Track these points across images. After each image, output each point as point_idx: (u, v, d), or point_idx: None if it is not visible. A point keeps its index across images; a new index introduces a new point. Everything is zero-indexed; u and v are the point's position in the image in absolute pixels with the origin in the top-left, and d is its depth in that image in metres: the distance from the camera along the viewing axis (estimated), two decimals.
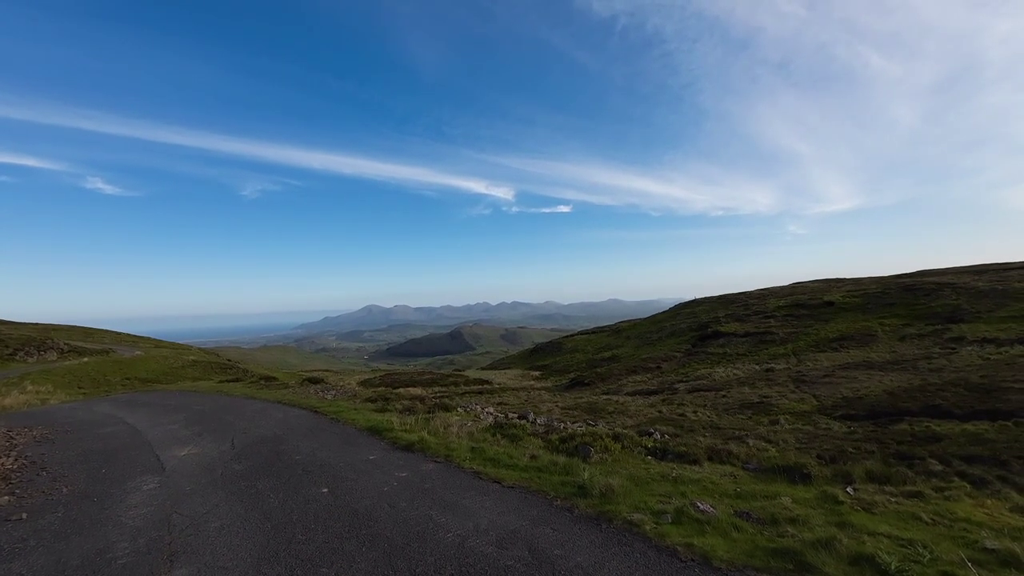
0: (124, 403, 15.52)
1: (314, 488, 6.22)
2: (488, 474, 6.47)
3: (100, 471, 7.45)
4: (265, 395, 15.79)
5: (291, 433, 9.65)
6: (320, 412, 11.86)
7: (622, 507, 4.96)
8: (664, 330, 61.87)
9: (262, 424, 10.66)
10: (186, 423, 11.13)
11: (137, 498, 6.14)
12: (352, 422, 10.48)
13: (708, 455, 7.28)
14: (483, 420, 10.42)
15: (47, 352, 41.34)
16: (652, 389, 36.70)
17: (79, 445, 9.24)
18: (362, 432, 9.54)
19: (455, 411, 11.62)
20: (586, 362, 60.01)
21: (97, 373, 35.30)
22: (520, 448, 7.74)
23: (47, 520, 5.56)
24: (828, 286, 56.26)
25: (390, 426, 9.48)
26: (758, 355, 42.67)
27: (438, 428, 9.18)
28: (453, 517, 5.07)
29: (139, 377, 34.91)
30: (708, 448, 7.64)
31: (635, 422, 25.67)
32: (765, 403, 26.63)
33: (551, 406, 32.37)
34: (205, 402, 14.59)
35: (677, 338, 56.84)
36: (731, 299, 63.39)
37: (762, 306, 54.10)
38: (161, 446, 8.89)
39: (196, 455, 8.19)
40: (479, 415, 11.22)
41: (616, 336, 69.20)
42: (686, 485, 5.75)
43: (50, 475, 7.37)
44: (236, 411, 12.54)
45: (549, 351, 75.22)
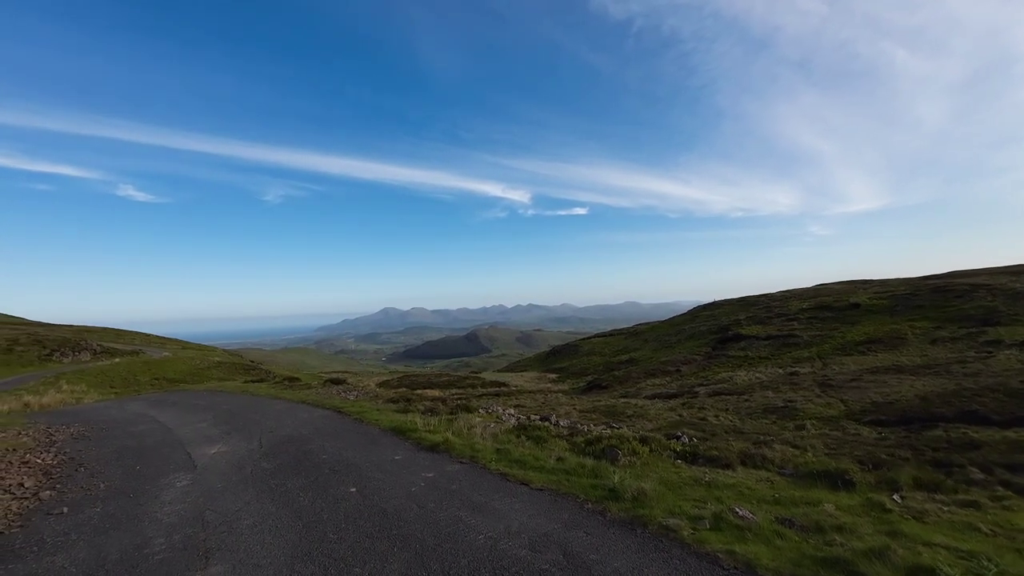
0: (154, 402, 15.90)
1: (342, 488, 6.22)
2: (515, 476, 6.38)
3: (135, 468, 7.59)
4: (289, 395, 15.99)
5: (317, 433, 9.72)
6: (344, 412, 11.93)
7: (656, 511, 4.82)
8: (683, 333, 60.95)
9: (288, 424, 10.76)
10: (214, 422, 11.31)
11: (171, 495, 6.23)
12: (376, 422, 10.50)
13: (741, 459, 7.06)
14: (506, 422, 10.34)
15: (81, 353, 42.77)
16: (671, 392, 36.13)
17: (114, 442, 9.45)
18: (386, 432, 9.55)
19: (477, 412, 11.56)
20: (603, 365, 59.48)
21: (128, 373, 36.36)
22: (545, 450, 7.63)
23: (86, 515, 5.67)
24: (853, 288, 54.72)
25: (414, 427, 9.47)
26: (781, 358, 41.67)
27: (462, 429, 9.12)
28: (483, 519, 4.99)
29: (167, 377, 35.82)
30: (741, 452, 7.41)
31: (655, 426, 25.30)
32: (790, 407, 25.96)
33: (569, 409, 32.12)
34: (232, 402, 14.84)
35: (696, 341, 55.96)
36: (752, 301, 62.16)
37: (784, 308, 52.88)
38: (192, 444, 9.03)
39: (226, 453, 8.29)
40: (501, 417, 11.14)
41: (633, 339, 68.45)
42: (721, 490, 5.56)
43: (88, 471, 7.54)
44: (262, 411, 12.71)
45: (566, 354, 74.80)
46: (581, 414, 29.95)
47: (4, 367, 37.21)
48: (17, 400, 23.00)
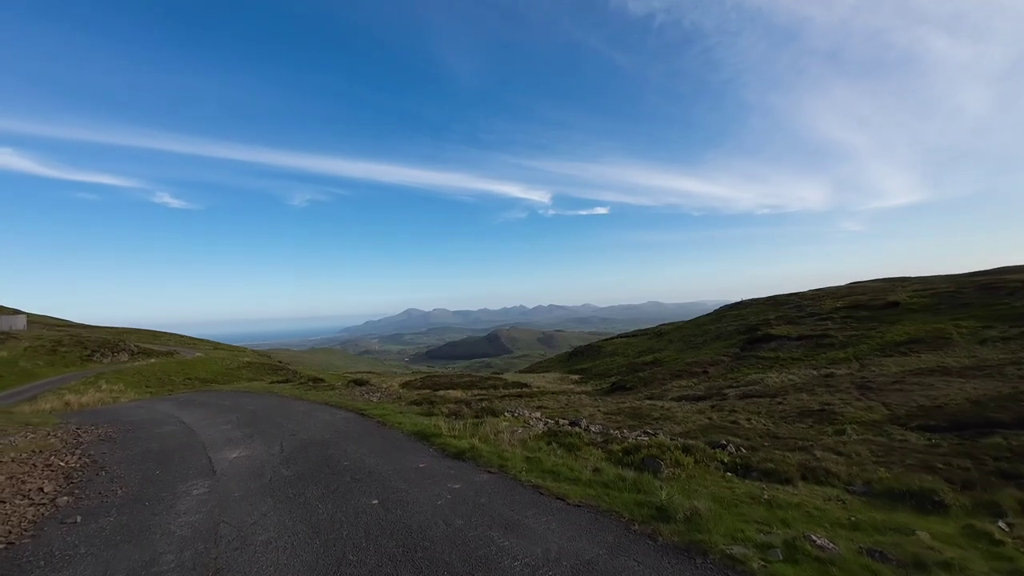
0: (183, 402, 15.93)
1: (364, 499, 5.77)
2: (549, 489, 5.81)
3: (155, 473, 7.34)
4: (313, 396, 15.79)
5: (339, 436, 9.35)
6: (366, 415, 11.58)
7: (716, 536, 4.18)
8: (709, 333, 59.21)
9: (310, 427, 10.45)
10: (238, 424, 11.10)
11: (187, 504, 5.89)
12: (399, 426, 10.09)
13: (801, 473, 6.32)
14: (534, 427, 9.77)
15: (120, 353, 44.11)
16: (699, 395, 34.90)
17: (138, 445, 9.29)
18: (409, 437, 9.11)
19: (503, 416, 11.03)
20: (627, 366, 58.26)
21: (162, 373, 37.25)
22: (580, 460, 7.03)
23: (99, 524, 5.37)
24: (891, 285, 52.13)
25: (438, 431, 9.00)
26: (815, 359, 39.87)
27: (488, 435, 8.61)
28: (518, 540, 4.44)
29: (199, 377, 36.53)
30: (800, 465, 6.66)
31: (683, 429, 24.33)
32: (827, 411, 24.62)
33: (593, 411, 31.27)
34: (257, 403, 14.71)
35: (724, 341, 54.25)
36: (781, 300, 59.93)
37: (817, 307, 50.76)
38: (213, 448, 8.78)
39: (246, 458, 7.98)
40: (528, 421, 10.58)
41: (658, 339, 66.90)
42: (785, 511, 4.88)
43: (108, 475, 7.32)
44: (285, 413, 12.48)
45: (588, 354, 73.72)
46: (606, 416, 29.12)
47: (49, 367, 38.61)
48: (59, 399, 23.65)
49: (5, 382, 33.17)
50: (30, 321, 55.79)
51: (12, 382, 33.29)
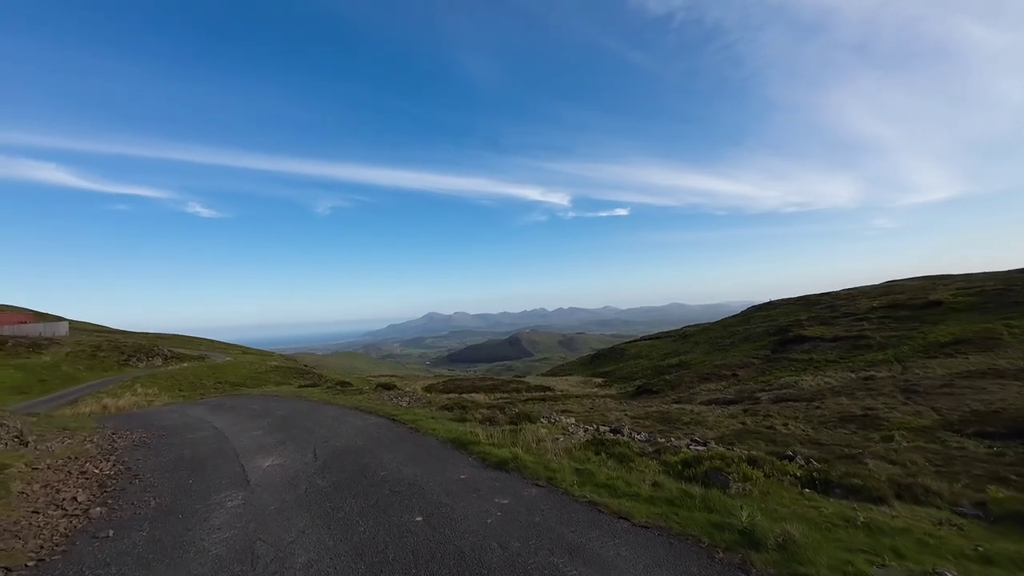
0: (214, 407, 15.87)
1: (407, 514, 5.30)
2: (608, 506, 5.24)
3: (188, 481, 7.04)
4: (341, 401, 15.54)
5: (372, 443, 8.96)
6: (398, 420, 11.19)
7: (823, 570, 3.55)
8: (737, 335, 57.44)
9: (342, 432, 10.10)
10: (269, 429, 10.84)
11: (220, 517, 5.53)
12: (432, 432, 9.64)
13: (895, 491, 5.58)
14: (575, 434, 9.19)
15: (154, 358, 45.21)
16: (730, 398, 33.64)
17: (171, 451, 9.08)
18: (445, 445, 8.65)
19: (539, 423, 10.48)
20: (652, 369, 56.96)
21: (194, 377, 37.93)
22: (634, 472, 6.44)
23: (131, 540, 5.04)
24: (932, 283, 49.63)
25: (475, 439, 8.51)
26: (852, 361, 38.09)
27: (529, 443, 8.08)
28: (587, 569, 3.89)
29: (229, 381, 37.05)
30: (892, 481, 5.91)
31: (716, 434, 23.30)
32: (871, 416, 23.28)
33: (619, 415, 30.39)
34: (286, 407, 14.51)
35: (753, 343, 52.52)
36: (813, 300, 57.75)
37: (852, 307, 48.67)
38: (246, 455, 8.48)
39: (279, 466, 7.64)
40: (567, 428, 10.00)
41: (683, 341, 65.29)
42: (890, 537, 4.20)
43: (142, 484, 7.06)
44: (315, 417, 12.20)
45: (611, 357, 72.47)
46: (633, 420, 28.22)
47: (89, 371, 39.74)
48: (98, 402, 24.12)
49: (49, 386, 34.23)
50: (72, 328, 57.83)
51: (56, 386, 34.32)
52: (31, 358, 39.22)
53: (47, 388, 33.53)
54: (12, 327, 48.80)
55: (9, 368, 36.69)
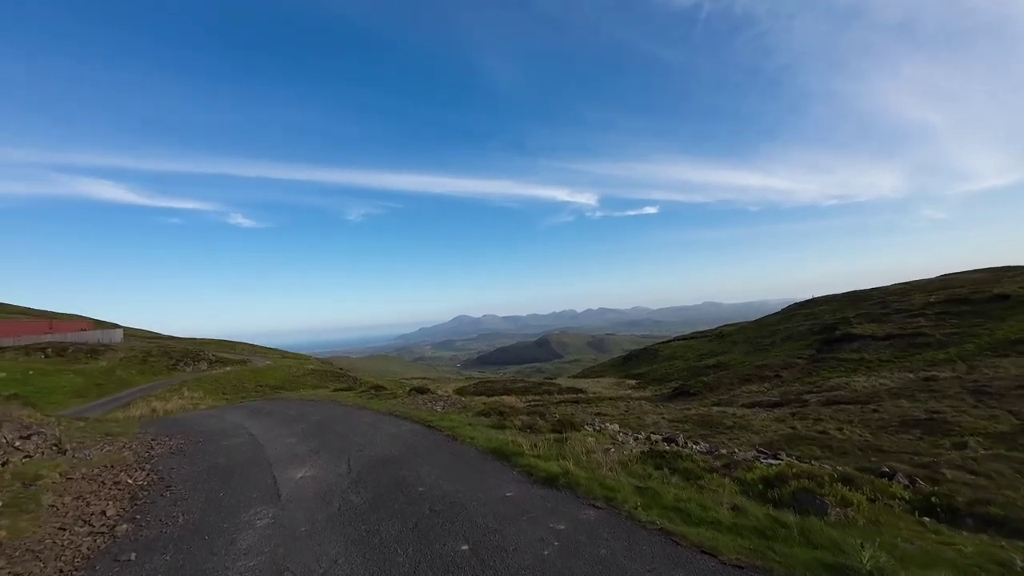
0: (252, 411, 15.77)
1: (450, 541, 4.62)
2: (686, 536, 4.39)
3: (218, 495, 6.61)
4: (376, 405, 15.13)
5: (408, 453, 8.36)
6: (433, 427, 10.58)
7: None
8: (778, 334, 54.65)
9: (377, 440, 9.57)
10: (303, 437, 10.44)
11: (248, 540, 5.00)
12: (471, 441, 8.97)
13: None
14: (626, 444, 8.32)
15: (200, 362, 46.70)
16: (774, 401, 31.72)
17: (205, 459, 8.75)
18: (486, 456, 7.95)
19: (584, 430, 9.65)
20: (687, 370, 54.87)
21: (237, 381, 38.85)
22: (706, 492, 5.54)
23: (153, 565, 4.55)
24: (995, 276, 45.74)
25: (518, 450, 7.77)
26: (908, 361, 35.39)
27: (578, 454, 7.28)
28: None
29: (269, 384, 37.75)
30: None
31: (763, 440, 21.79)
32: (937, 420, 21.25)
33: (656, 418, 29.06)
34: (321, 412, 14.20)
35: (796, 342, 49.80)
36: (861, 296, 54.30)
37: (905, 303, 45.44)
38: (278, 465, 8.03)
39: (312, 479, 7.12)
40: (616, 437, 9.13)
41: (720, 341, 62.73)
42: None
43: (172, 496, 6.67)
44: (350, 424, 11.76)
45: (644, 358, 70.44)
46: (672, 424, 26.88)
47: (141, 375, 41.34)
48: (147, 405, 24.77)
49: (104, 389, 35.73)
50: (126, 334, 60.73)
51: (110, 389, 35.78)
52: (89, 363, 41.13)
53: (103, 392, 34.99)
54: (73, 334, 51.56)
55: (70, 373, 38.56)
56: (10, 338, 45.34)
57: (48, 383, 35.34)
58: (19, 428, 6.99)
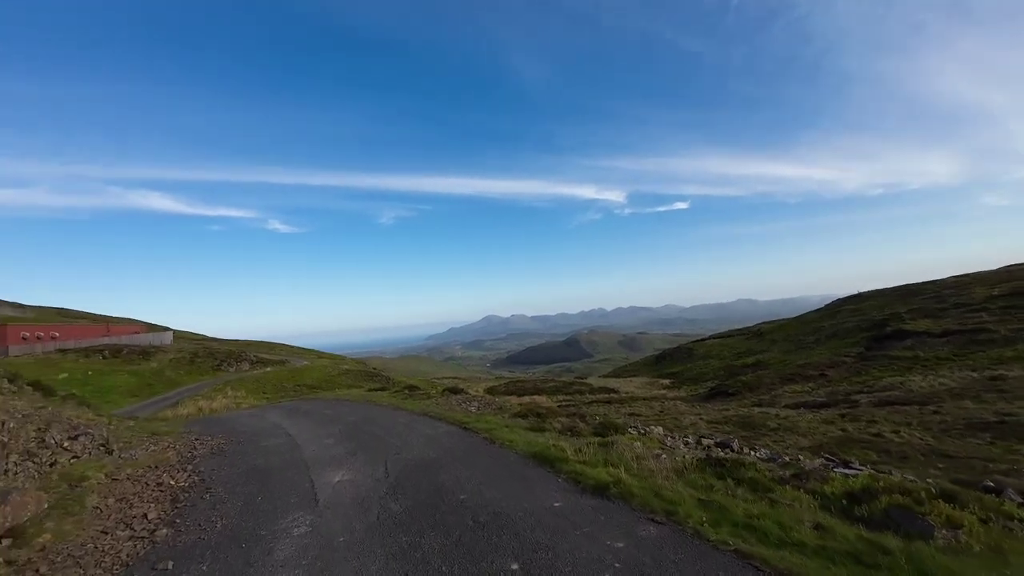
0: (290, 411, 15.89)
1: (497, 558, 4.19)
2: (768, 561, 3.80)
3: (256, 499, 6.42)
4: (410, 406, 14.95)
5: (446, 456, 8.01)
6: (470, 429, 10.23)
7: None
8: (821, 331, 51.92)
9: (413, 442, 9.28)
10: (340, 437, 10.28)
11: (284, 550, 4.73)
12: (510, 444, 8.55)
13: None
14: (677, 449, 7.70)
15: (242, 363, 48.36)
16: (820, 401, 29.92)
17: (244, 460, 8.67)
18: (527, 461, 7.50)
19: (629, 433, 9.06)
20: (724, 369, 52.86)
21: (276, 380, 39.94)
22: (781, 508, 4.90)
23: (189, 575, 4.34)
24: None
25: (561, 454, 7.29)
26: (970, 359, 32.79)
27: (628, 460, 6.72)
28: None
29: (306, 384, 38.59)
30: None
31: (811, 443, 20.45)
32: (1010, 424, 19.39)
33: (694, 419, 27.85)
34: (357, 413, 14.11)
35: (841, 340, 47.17)
36: (914, 290, 50.92)
37: (964, 296, 42.25)
38: (316, 467, 7.83)
39: (350, 483, 6.86)
40: (665, 441, 8.50)
41: (758, 339, 60.17)
42: None
43: (212, 499, 6.54)
44: (385, 424, 11.56)
45: (678, 357, 68.44)
46: (710, 425, 25.68)
47: (188, 375, 43.11)
48: (194, 404, 25.65)
49: (155, 389, 37.43)
50: (175, 336, 63.69)
51: (160, 389, 37.45)
52: (141, 364, 43.23)
53: (154, 391, 36.64)
54: (127, 337, 54.45)
55: (124, 373, 40.62)
56: (72, 341, 48.24)
57: (105, 383, 37.28)
58: (68, 429, 7.04)
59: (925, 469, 15.17)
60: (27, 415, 6.79)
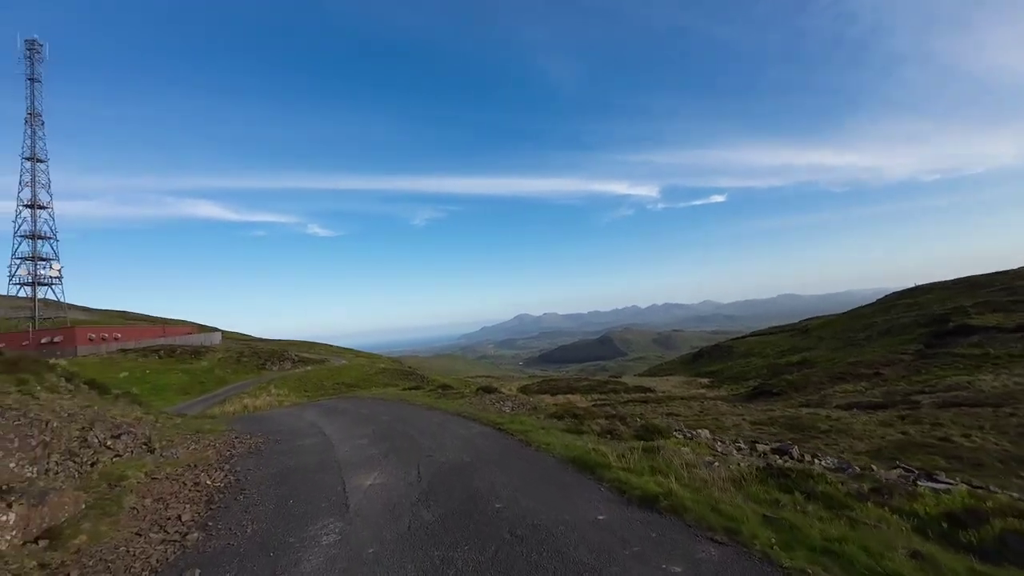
0: (327, 410, 16.00)
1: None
2: None
3: (288, 502, 6.24)
4: (444, 405, 14.72)
5: (480, 460, 7.63)
6: (504, 430, 9.83)
7: None
8: (874, 327, 48.63)
9: (447, 444, 8.96)
10: (373, 438, 10.10)
11: (313, 561, 4.44)
12: (547, 448, 8.08)
13: None
14: (730, 456, 7.01)
15: (284, 362, 50.01)
16: (876, 402, 27.82)
17: (279, 461, 8.60)
18: (564, 465, 7.01)
19: (674, 437, 8.40)
20: (767, 368, 50.38)
21: (316, 379, 40.99)
22: (862, 529, 4.20)
23: None
24: None
25: (603, 460, 6.75)
26: None
27: (677, 468, 6.12)
28: None
29: (344, 382, 39.40)
30: None
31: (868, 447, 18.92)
32: None
33: (736, 420, 26.41)
34: (391, 412, 14.01)
35: (897, 336, 44.01)
36: (978, 282, 46.86)
37: None
38: (348, 469, 7.62)
39: (381, 487, 6.58)
40: (714, 446, 7.80)
41: (803, 336, 57.03)
42: None
43: (246, 501, 6.41)
44: (419, 425, 11.32)
45: (716, 356, 65.89)
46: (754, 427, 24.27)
47: (234, 374, 44.92)
48: (240, 402, 26.56)
49: (205, 387, 39.20)
50: (223, 336, 66.76)
51: (210, 387, 39.18)
52: (193, 363, 45.39)
53: (204, 389, 38.35)
54: (181, 337, 57.47)
55: (178, 372, 42.76)
56: (132, 341, 51.28)
57: (161, 381, 39.34)
58: (111, 428, 7.11)
59: (1006, 478, 13.60)
60: (72, 414, 6.90)
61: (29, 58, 49.27)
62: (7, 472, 4.89)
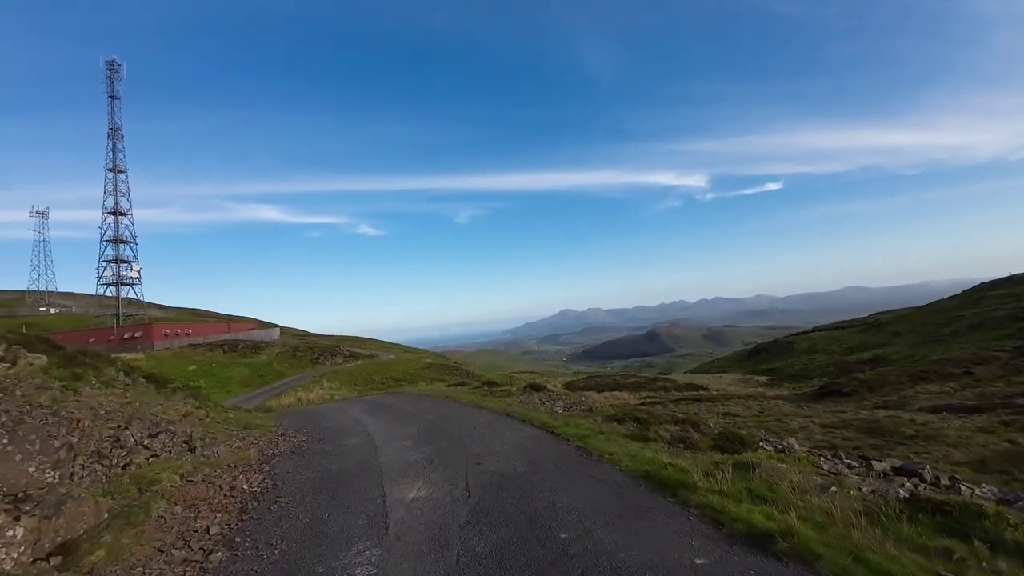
0: (373, 406, 15.57)
1: None
2: None
3: (323, 515, 5.50)
4: (490, 404, 13.85)
5: (535, 471, 6.61)
6: (559, 435, 8.76)
7: None
8: (960, 321, 43.38)
9: (496, 450, 8.01)
10: (418, 439, 9.34)
11: None
12: (610, 458, 6.93)
13: None
14: (844, 476, 5.57)
15: (336, 357, 51.39)
16: (969, 404, 24.31)
17: (320, 463, 7.98)
18: (638, 483, 5.85)
19: (762, 448, 7.01)
20: (833, 365, 46.20)
21: (366, 373, 41.66)
22: None
23: None
24: None
25: (685, 478, 5.54)
26: None
27: (785, 493, 4.82)
28: None
29: (392, 377, 39.74)
30: None
31: (968, 457, 16.30)
32: None
33: (803, 422, 23.84)
34: (437, 410, 13.29)
35: (989, 332, 38.97)
36: None
37: None
38: (390, 477, 6.82)
39: (425, 502, 5.71)
40: (817, 462, 6.36)
41: (875, 332, 51.93)
42: None
43: (279, 513, 5.74)
44: (466, 426, 10.46)
45: (774, 352, 61.46)
46: (825, 431, 21.76)
47: (291, 368, 46.58)
48: (294, 395, 27.13)
49: (264, 380, 40.81)
50: (280, 332, 69.91)
51: (269, 380, 40.75)
52: (254, 358, 47.52)
53: (263, 382, 39.92)
54: (243, 333, 60.63)
55: (240, 365, 44.87)
56: (201, 337, 54.54)
57: (225, 374, 41.33)
58: (149, 425, 6.71)
59: None
60: (110, 411, 6.54)
61: (109, 77, 53.33)
62: (24, 477, 4.42)
